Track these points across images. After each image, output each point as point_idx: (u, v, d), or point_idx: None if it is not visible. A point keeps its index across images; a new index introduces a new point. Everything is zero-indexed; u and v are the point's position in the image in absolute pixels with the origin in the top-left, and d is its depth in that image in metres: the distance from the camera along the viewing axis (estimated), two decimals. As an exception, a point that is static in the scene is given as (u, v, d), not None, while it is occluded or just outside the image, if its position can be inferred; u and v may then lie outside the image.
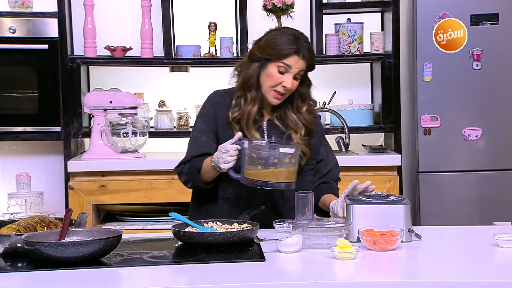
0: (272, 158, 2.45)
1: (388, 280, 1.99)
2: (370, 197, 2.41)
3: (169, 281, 2.00)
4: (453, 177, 4.14)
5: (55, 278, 2.01)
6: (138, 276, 2.06)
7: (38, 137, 4.18)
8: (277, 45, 2.60)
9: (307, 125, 2.69)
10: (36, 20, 4.11)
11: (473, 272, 2.12)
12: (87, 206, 3.95)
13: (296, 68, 2.59)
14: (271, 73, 2.60)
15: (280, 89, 2.60)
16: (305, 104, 2.70)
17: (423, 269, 2.15)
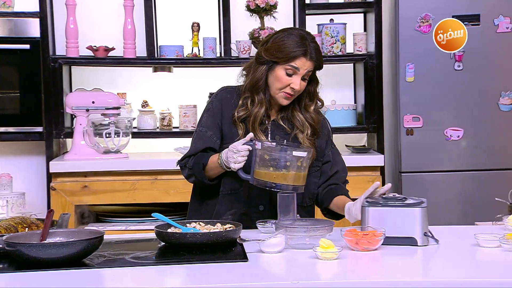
0: (284, 161, 2.46)
1: (370, 280, 2.00)
2: (387, 199, 2.36)
3: (152, 282, 2.00)
4: (435, 177, 4.16)
5: (37, 279, 2.00)
6: (120, 277, 2.05)
7: (19, 137, 4.15)
8: (284, 48, 2.60)
9: (313, 125, 2.69)
10: (18, 20, 4.09)
11: (454, 272, 2.13)
12: (70, 207, 3.93)
13: (304, 69, 2.60)
14: (279, 76, 2.61)
15: (289, 90, 2.61)
16: (313, 103, 2.70)
17: (405, 269, 2.16)
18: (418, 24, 4.11)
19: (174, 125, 4.33)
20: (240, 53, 4.27)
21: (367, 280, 2.00)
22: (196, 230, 2.39)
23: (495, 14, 4.11)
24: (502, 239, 2.24)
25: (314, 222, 2.38)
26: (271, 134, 2.68)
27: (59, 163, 3.99)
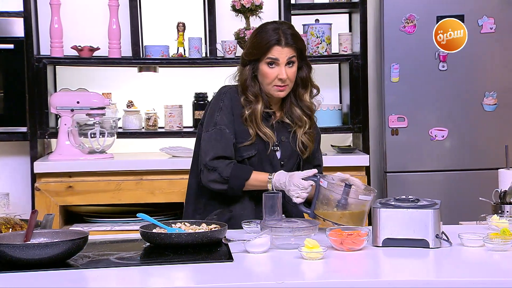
0: (346, 201, 2.48)
1: (355, 280, 2.01)
2: (399, 200, 2.34)
3: (137, 282, 1.99)
4: (420, 177, 4.18)
5: (21, 280, 1.99)
6: (105, 277, 2.04)
7: (3, 137, 4.13)
8: (258, 43, 2.63)
9: (310, 115, 2.71)
10: (1, 20, 4.06)
11: (438, 271, 2.15)
12: (54, 208, 3.91)
13: (283, 57, 2.62)
14: (264, 71, 2.63)
15: (279, 82, 2.63)
16: (306, 90, 2.72)
17: (389, 269, 2.17)
18: (402, 24, 4.12)
19: (159, 125, 4.32)
20: (225, 53, 4.27)
21: (351, 280, 2.00)
22: (181, 230, 2.38)
23: (479, 15, 4.13)
24: (486, 239, 2.26)
25: (299, 223, 2.38)
26: (277, 135, 2.70)
27: (43, 164, 3.97)
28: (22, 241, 2.18)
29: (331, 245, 2.26)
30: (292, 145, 2.70)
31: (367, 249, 2.27)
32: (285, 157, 2.70)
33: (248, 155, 2.66)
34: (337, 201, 2.48)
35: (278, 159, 2.69)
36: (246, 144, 2.65)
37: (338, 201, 2.48)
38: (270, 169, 2.66)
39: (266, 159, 2.67)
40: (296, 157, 2.72)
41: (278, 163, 2.68)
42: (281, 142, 2.70)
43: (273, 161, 2.68)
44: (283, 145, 2.70)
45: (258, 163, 2.67)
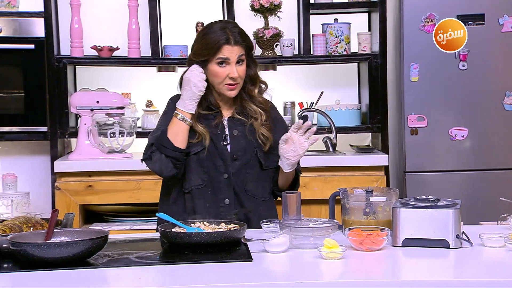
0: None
1: (374, 280, 2.00)
2: (419, 200, 2.32)
3: (156, 282, 2.00)
4: (439, 177, 4.16)
5: (41, 279, 2.00)
6: (124, 276, 2.05)
7: (24, 137, 4.16)
8: (207, 44, 2.64)
9: (263, 107, 2.71)
10: (22, 20, 4.09)
11: (458, 272, 2.13)
12: (74, 207, 3.93)
13: (234, 56, 2.63)
14: (214, 71, 2.64)
15: (230, 81, 2.64)
16: (255, 87, 2.73)
17: (409, 269, 2.16)
18: (422, 23, 4.10)
19: (178, 125, 4.32)
20: (244, 52, 4.27)
21: (371, 280, 2.00)
22: (201, 230, 2.39)
23: (499, 14, 4.10)
24: (507, 239, 2.24)
25: (319, 222, 2.38)
26: (229, 129, 2.70)
27: (63, 163, 4.00)
28: (43, 240, 2.20)
29: (351, 245, 2.25)
30: (248, 138, 2.69)
31: (387, 249, 2.26)
32: (238, 151, 2.68)
33: (194, 151, 2.66)
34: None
35: (229, 153, 2.68)
36: (193, 141, 2.66)
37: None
38: (221, 163, 2.66)
39: (216, 154, 2.67)
40: (253, 150, 2.69)
41: (229, 157, 2.67)
42: (232, 136, 2.69)
43: (223, 155, 2.66)
44: (235, 139, 2.69)
45: (208, 158, 2.67)
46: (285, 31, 4.34)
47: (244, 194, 2.68)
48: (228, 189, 2.67)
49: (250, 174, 2.69)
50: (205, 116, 2.69)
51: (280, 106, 4.50)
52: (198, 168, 2.66)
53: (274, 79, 4.55)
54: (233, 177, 2.67)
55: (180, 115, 2.63)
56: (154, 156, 2.64)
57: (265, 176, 2.72)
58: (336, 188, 2.98)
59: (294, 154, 2.59)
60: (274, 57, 4.32)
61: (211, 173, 2.67)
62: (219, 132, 2.68)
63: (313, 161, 4.05)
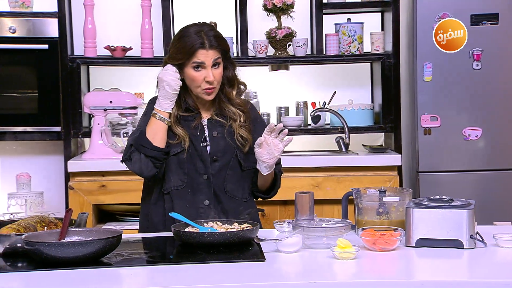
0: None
1: (388, 280, 1.99)
2: (433, 201, 2.31)
3: (169, 281, 2.00)
4: (453, 177, 4.14)
5: (55, 278, 2.01)
6: (138, 276, 2.06)
7: (38, 137, 4.18)
8: (182, 48, 2.63)
9: (242, 109, 2.71)
10: (36, 20, 4.11)
11: (472, 272, 2.13)
12: (87, 206, 3.95)
13: (209, 60, 2.62)
14: (191, 75, 2.64)
15: (206, 85, 2.63)
16: (233, 88, 2.72)
17: (422, 270, 2.15)
18: (436, 23, 4.08)
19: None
20: (257, 52, 4.27)
21: (384, 280, 1.99)
22: (214, 229, 2.39)
23: (514, 13, 4.08)
24: (521, 240, 2.23)
25: (332, 222, 2.37)
26: (208, 131, 2.69)
27: (77, 163, 4.01)
28: (57, 240, 2.21)
29: (364, 245, 2.25)
30: (227, 140, 2.68)
31: (400, 249, 2.26)
32: (218, 152, 2.67)
33: (174, 152, 2.66)
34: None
35: (209, 154, 2.67)
36: (173, 142, 2.65)
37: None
38: (201, 165, 2.66)
39: (195, 155, 2.67)
40: (233, 151, 2.69)
41: (209, 158, 2.67)
42: (212, 138, 2.69)
43: (203, 156, 2.66)
44: (214, 140, 2.68)
45: (188, 159, 2.67)
46: (298, 31, 4.34)
47: (224, 194, 2.68)
48: (208, 190, 2.67)
49: (230, 175, 2.69)
50: (184, 118, 2.68)
51: (292, 106, 4.50)
52: (178, 169, 2.66)
53: (286, 79, 4.56)
54: (213, 178, 2.67)
55: (158, 115, 2.63)
56: (134, 156, 2.63)
57: (245, 177, 2.72)
58: (348, 188, 2.97)
59: (270, 157, 2.58)
60: (287, 57, 4.31)
61: (191, 174, 2.66)
62: (198, 133, 2.68)
63: (326, 161, 4.05)
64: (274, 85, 4.56)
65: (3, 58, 4.11)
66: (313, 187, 3.97)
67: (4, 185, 4.27)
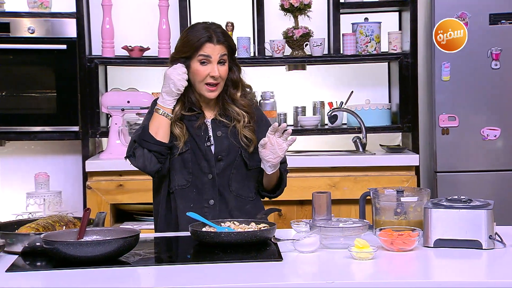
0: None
1: (406, 281, 1.98)
2: (451, 201, 2.30)
3: (186, 281, 2.01)
4: (471, 177, 4.11)
5: (74, 277, 2.03)
6: (155, 275, 2.07)
7: (56, 136, 4.20)
8: (189, 41, 2.64)
9: (246, 110, 2.70)
10: (55, 21, 4.14)
11: (491, 273, 2.11)
12: (105, 206, 3.97)
13: (216, 55, 2.62)
14: (195, 69, 2.63)
15: (210, 80, 2.63)
16: (238, 90, 2.72)
17: (440, 270, 2.14)
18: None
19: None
20: (274, 52, 4.27)
21: (402, 281, 1.98)
22: (231, 229, 2.39)
23: (533, 12, 4.05)
24: (540, 241, 2.21)
25: (349, 222, 2.37)
26: (212, 131, 2.69)
27: (94, 162, 4.03)
28: (75, 239, 2.22)
29: (381, 245, 2.24)
30: (231, 140, 2.68)
31: (418, 250, 2.25)
32: (222, 151, 2.67)
33: (178, 152, 2.66)
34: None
35: (213, 154, 2.67)
36: (176, 144, 2.65)
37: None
38: (205, 164, 2.66)
39: (200, 155, 2.67)
40: (237, 151, 2.69)
41: (213, 157, 2.66)
42: (216, 137, 2.68)
43: (207, 156, 2.66)
44: (218, 140, 2.68)
45: (193, 159, 2.66)
46: (315, 30, 4.33)
47: (229, 194, 2.68)
48: (213, 190, 2.67)
49: (235, 174, 2.69)
50: (188, 117, 2.68)
51: (309, 105, 4.50)
52: (182, 169, 2.66)
53: (303, 78, 4.56)
54: (218, 178, 2.66)
55: (161, 110, 2.63)
56: (137, 152, 2.64)
57: (251, 176, 2.72)
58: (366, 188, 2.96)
59: (274, 156, 2.57)
60: (304, 56, 4.31)
61: (195, 173, 2.67)
62: (202, 133, 2.68)
63: (343, 161, 4.04)
64: (291, 85, 4.56)
65: (22, 58, 4.14)
66: (330, 187, 3.97)
67: (23, 185, 4.30)
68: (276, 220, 3.85)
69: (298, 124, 4.39)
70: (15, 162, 4.45)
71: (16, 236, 2.25)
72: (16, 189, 4.35)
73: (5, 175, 4.44)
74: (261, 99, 4.38)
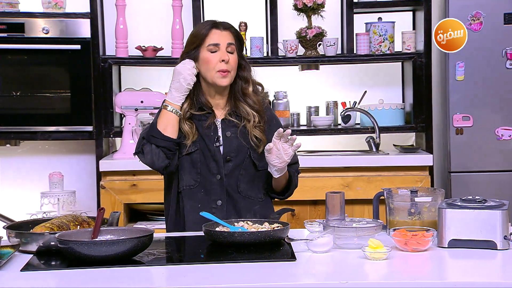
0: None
1: (420, 281, 1.98)
2: (466, 201, 2.29)
3: (200, 280, 2.01)
4: (485, 177, 4.09)
5: (88, 277, 2.03)
6: (169, 275, 2.07)
7: (70, 136, 4.22)
8: (196, 33, 2.68)
9: (257, 109, 2.70)
10: (69, 21, 4.16)
11: (506, 273, 2.10)
12: (118, 205, 3.98)
13: (224, 41, 2.64)
14: (205, 58, 2.65)
15: (222, 66, 2.63)
16: (249, 84, 2.72)
17: (455, 271, 2.13)
18: (468, 22, 4.04)
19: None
20: (287, 52, 4.27)
21: (416, 281, 1.98)
22: (244, 229, 2.39)
23: (548, 11, 4.02)
24: (556, 241, 2.20)
25: (363, 222, 2.36)
26: (222, 131, 2.69)
27: (108, 162, 4.05)
28: (89, 238, 2.23)
29: (395, 245, 2.23)
30: (240, 140, 2.67)
31: (432, 250, 2.24)
32: (231, 152, 2.67)
33: (187, 152, 2.66)
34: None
35: (222, 154, 2.67)
36: (185, 142, 2.66)
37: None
38: (214, 165, 2.65)
39: (209, 155, 2.66)
40: (246, 152, 2.68)
41: (222, 158, 2.66)
42: (225, 138, 2.68)
43: (216, 157, 2.65)
44: (228, 140, 2.68)
45: (201, 159, 2.66)
46: (328, 30, 4.33)
47: (238, 195, 2.68)
48: (221, 190, 2.67)
49: (243, 175, 2.69)
50: (198, 117, 2.69)
51: (322, 105, 4.49)
52: (191, 168, 2.67)
53: (316, 78, 4.55)
54: (226, 178, 2.66)
55: (170, 107, 2.64)
56: (145, 148, 2.64)
57: (260, 177, 2.71)
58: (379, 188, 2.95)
59: (280, 161, 2.57)
60: (317, 56, 4.30)
61: (204, 174, 2.67)
62: (211, 133, 2.68)
63: (356, 161, 4.03)
64: (304, 84, 4.56)
65: (36, 59, 4.16)
66: (343, 187, 3.96)
67: (37, 184, 4.33)
68: (289, 220, 3.84)
69: (311, 124, 4.38)
70: (30, 161, 4.47)
71: (31, 236, 2.26)
72: (30, 188, 4.37)
73: (19, 174, 4.47)
74: (274, 99, 4.38)
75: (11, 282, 2.00)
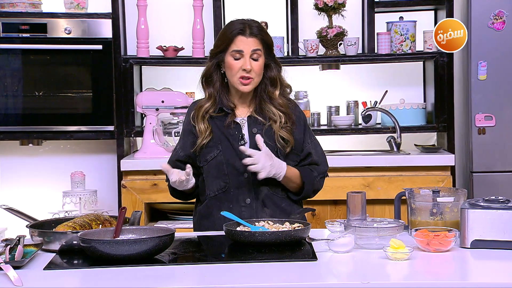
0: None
1: (442, 282, 1.97)
2: (489, 201, 2.28)
3: (221, 280, 2.01)
4: (508, 177, 4.06)
5: (110, 275, 2.04)
6: (191, 274, 2.08)
7: (92, 136, 4.25)
8: (223, 35, 2.66)
9: (283, 110, 2.68)
10: (91, 21, 4.18)
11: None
12: (139, 205, 4.00)
13: (248, 48, 2.61)
14: (229, 63, 2.63)
15: (243, 73, 2.61)
16: (276, 88, 2.69)
17: (478, 272, 2.12)
18: (491, 21, 4.01)
19: (242, 124, 4.35)
20: (307, 51, 4.26)
21: (438, 282, 1.97)
22: (265, 229, 2.39)
23: None
24: None
25: (384, 222, 2.35)
26: (248, 128, 2.68)
27: (129, 162, 4.06)
28: (111, 237, 2.24)
29: (417, 245, 2.22)
30: (265, 138, 2.64)
31: (455, 251, 2.23)
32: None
33: (211, 157, 2.66)
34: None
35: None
36: (204, 142, 2.65)
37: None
38: (240, 164, 2.62)
39: (234, 154, 2.65)
40: (272, 149, 2.64)
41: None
42: (251, 135, 2.66)
43: (242, 155, 2.61)
44: (253, 137, 2.64)
45: (226, 160, 2.65)
46: (349, 29, 4.31)
47: (265, 192, 2.67)
48: (248, 189, 2.66)
49: None
50: (217, 118, 2.69)
51: (343, 105, 4.48)
52: (219, 172, 2.67)
53: (337, 78, 4.54)
54: (253, 176, 2.64)
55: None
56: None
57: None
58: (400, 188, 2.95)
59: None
60: (338, 56, 4.29)
61: (230, 174, 2.66)
62: (236, 132, 2.67)
63: (377, 160, 4.02)
64: (324, 84, 4.55)
65: (58, 59, 4.19)
66: (364, 187, 3.95)
67: (59, 183, 4.36)
68: (309, 219, 3.84)
69: (331, 123, 4.37)
70: (52, 161, 4.51)
71: (53, 235, 2.28)
72: (52, 187, 4.41)
73: (42, 174, 4.50)
74: (295, 98, 4.37)
75: (34, 281, 2.02)
